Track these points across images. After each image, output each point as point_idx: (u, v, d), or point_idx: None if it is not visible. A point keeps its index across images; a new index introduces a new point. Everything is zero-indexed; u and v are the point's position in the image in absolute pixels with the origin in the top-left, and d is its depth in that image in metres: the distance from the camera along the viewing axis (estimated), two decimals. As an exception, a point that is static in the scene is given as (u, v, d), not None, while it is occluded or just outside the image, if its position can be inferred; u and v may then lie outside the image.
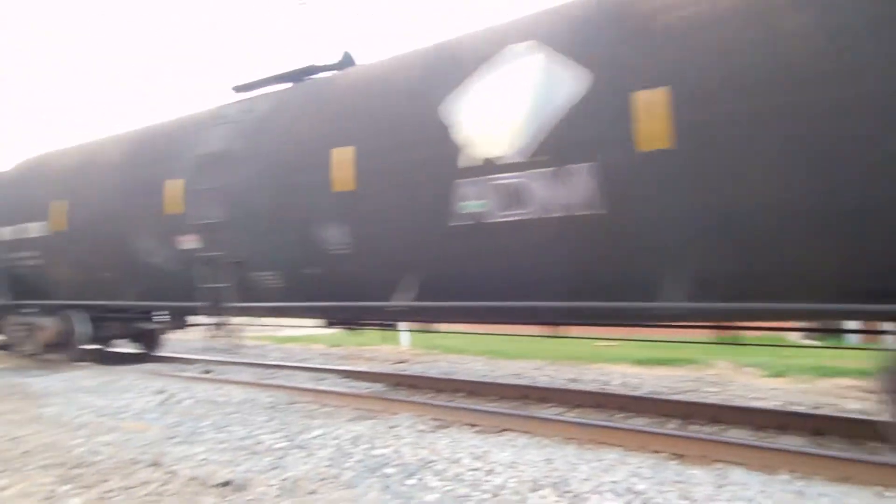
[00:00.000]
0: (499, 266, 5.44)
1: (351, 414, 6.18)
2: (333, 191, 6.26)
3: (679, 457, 4.48)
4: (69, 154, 9.97)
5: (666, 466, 4.18)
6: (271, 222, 6.85)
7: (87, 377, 8.42)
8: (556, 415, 5.97)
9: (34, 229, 9.81)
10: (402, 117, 5.91)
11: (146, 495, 3.81)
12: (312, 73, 7.41)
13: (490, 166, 5.24)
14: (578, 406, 6.43)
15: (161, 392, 6.99)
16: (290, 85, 7.51)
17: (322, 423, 5.54)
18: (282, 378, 8.46)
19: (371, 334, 14.19)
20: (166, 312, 9.93)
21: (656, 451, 4.59)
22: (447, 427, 5.50)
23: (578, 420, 5.54)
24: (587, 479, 3.86)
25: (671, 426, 5.65)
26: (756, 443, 4.73)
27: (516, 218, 5.16)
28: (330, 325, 7.95)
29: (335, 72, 7.24)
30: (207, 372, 9.05)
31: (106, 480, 4.08)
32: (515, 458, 4.27)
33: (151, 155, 8.39)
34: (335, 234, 6.30)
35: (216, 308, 7.50)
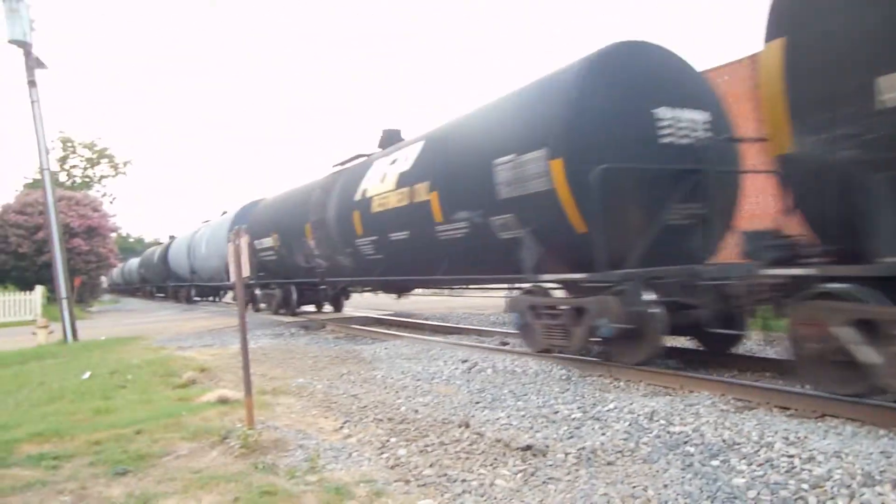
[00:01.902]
0: None
1: (645, 389, 6.06)
2: None
3: None
4: None
5: None
6: None
7: (404, 346, 9.62)
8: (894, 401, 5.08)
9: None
10: None
11: (458, 451, 4.23)
12: None
13: None
14: (925, 393, 5.37)
15: (465, 361, 7.66)
16: None
17: (616, 397, 5.53)
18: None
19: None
20: None
21: None
22: (753, 408, 5.07)
23: (926, 409, 4.62)
24: (941, 478, 3.23)
25: None
26: None
27: None
28: None
29: None
30: (504, 344, 9.63)
31: (425, 436, 4.63)
32: (841, 447, 3.76)
33: None
34: None
35: None
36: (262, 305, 19.08)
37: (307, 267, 14.51)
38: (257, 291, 18.92)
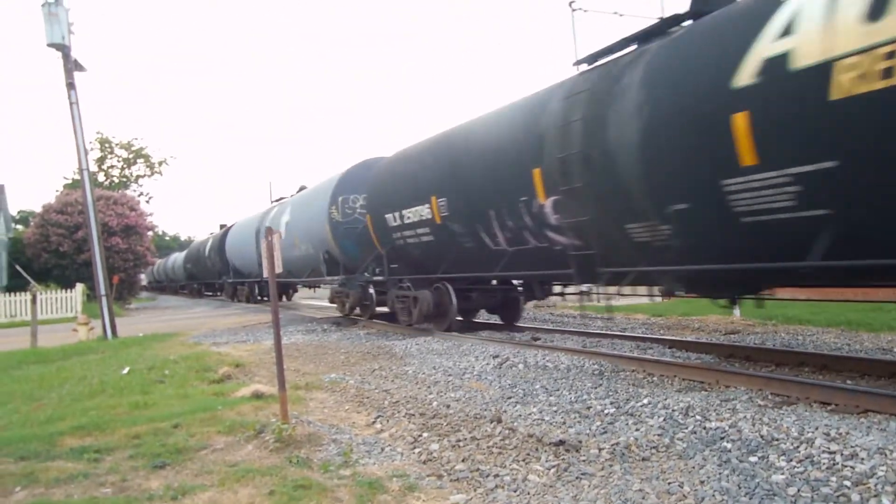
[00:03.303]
0: None
1: (679, 384, 5.98)
2: None
3: None
4: None
5: None
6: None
7: (435, 342, 9.64)
8: (940, 397, 4.91)
9: None
10: None
11: (491, 446, 4.22)
12: None
13: None
14: (974, 388, 5.19)
15: (496, 356, 7.64)
16: None
17: (649, 392, 5.47)
18: (606, 346, 8.55)
19: (696, 304, 13.48)
20: None
21: None
22: (792, 404, 4.96)
23: (975, 405, 4.46)
24: None
25: None
26: None
27: None
28: None
29: None
30: (536, 339, 9.59)
31: (457, 431, 4.63)
32: (884, 443, 3.65)
33: None
34: None
35: None
36: (384, 309, 13.31)
37: (515, 250, 8.49)
38: (371, 291, 13.42)
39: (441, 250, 10.33)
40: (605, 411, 4.95)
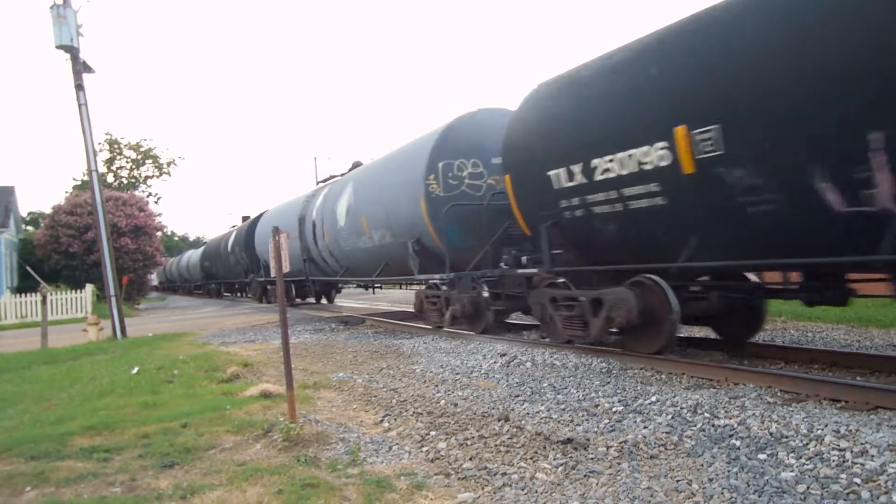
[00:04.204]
0: None
1: (688, 382, 5.95)
2: None
3: None
4: None
5: None
6: None
7: (442, 340, 9.64)
8: (951, 394, 4.87)
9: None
10: None
11: (498, 445, 4.22)
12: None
13: None
14: None
15: (504, 355, 7.64)
16: None
17: (658, 390, 5.45)
18: (614, 345, 8.51)
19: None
20: None
21: None
22: (802, 401, 4.93)
23: None
24: None
25: None
26: None
27: None
28: None
29: None
30: (544, 337, 9.56)
31: (465, 429, 4.63)
32: (895, 440, 3.63)
33: None
34: None
35: None
36: (513, 319, 10.71)
37: None
38: (486, 293, 9.58)
39: (685, 221, 6.11)
40: (613, 409, 4.94)
